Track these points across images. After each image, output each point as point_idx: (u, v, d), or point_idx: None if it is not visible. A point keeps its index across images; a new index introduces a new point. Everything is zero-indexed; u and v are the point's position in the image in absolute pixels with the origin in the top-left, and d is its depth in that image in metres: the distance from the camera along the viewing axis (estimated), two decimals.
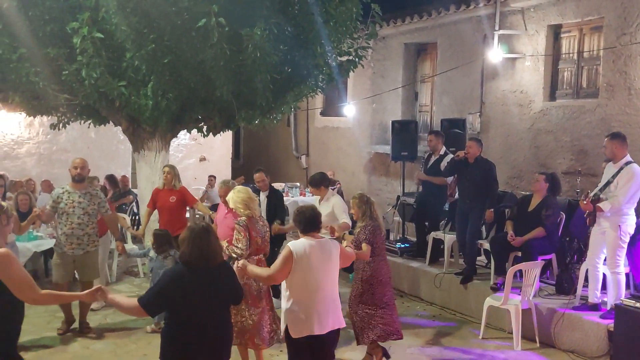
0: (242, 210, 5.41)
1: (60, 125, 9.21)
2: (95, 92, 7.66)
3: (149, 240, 7.12)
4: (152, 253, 6.77)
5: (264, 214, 7.17)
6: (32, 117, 10.18)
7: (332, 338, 4.60)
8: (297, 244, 4.41)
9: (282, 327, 4.66)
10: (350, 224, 6.43)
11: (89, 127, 9.84)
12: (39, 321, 6.80)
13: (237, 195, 5.47)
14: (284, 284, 4.63)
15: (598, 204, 6.04)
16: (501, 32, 9.05)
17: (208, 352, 3.79)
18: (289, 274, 4.37)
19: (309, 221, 4.51)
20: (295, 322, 4.41)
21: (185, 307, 3.71)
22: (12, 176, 11.20)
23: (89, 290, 3.88)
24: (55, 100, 8.23)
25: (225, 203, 6.52)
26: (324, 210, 6.26)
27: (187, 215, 9.43)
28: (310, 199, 10.18)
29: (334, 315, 4.55)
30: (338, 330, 4.64)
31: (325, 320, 4.46)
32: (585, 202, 6.12)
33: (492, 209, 7.45)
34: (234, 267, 4.58)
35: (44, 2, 7.42)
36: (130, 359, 6.06)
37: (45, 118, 10.69)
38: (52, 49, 7.58)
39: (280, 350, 5.84)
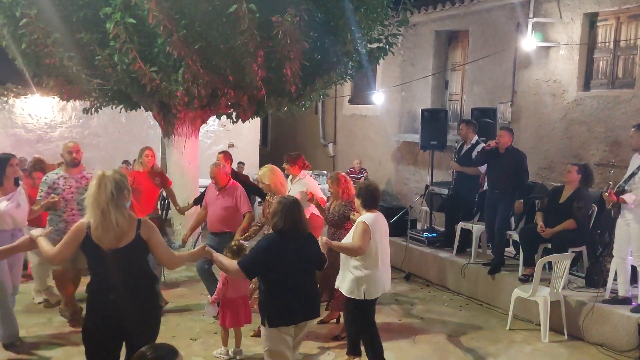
0: (280, 189, 6.18)
1: (93, 109, 9.36)
2: (127, 77, 7.75)
3: None
4: None
5: None
6: (65, 102, 10.37)
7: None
8: (368, 218, 5.04)
9: (349, 291, 5.12)
10: (325, 200, 6.87)
11: (120, 112, 9.97)
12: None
13: (276, 176, 6.26)
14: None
15: (622, 196, 5.93)
16: (535, 20, 8.87)
17: (303, 309, 4.27)
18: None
19: (374, 197, 5.14)
20: (372, 284, 5.05)
21: (278, 272, 4.15)
22: (45, 159, 11.39)
23: (198, 248, 4.23)
24: (88, 85, 8.36)
25: (216, 184, 6.63)
26: (295, 188, 6.82)
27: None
28: None
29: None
30: None
31: (389, 279, 5.28)
32: (607, 194, 6.01)
33: (522, 200, 7.36)
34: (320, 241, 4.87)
35: None
36: (160, 340, 6.10)
37: (77, 102, 10.91)
38: (85, 34, 7.69)
39: None
